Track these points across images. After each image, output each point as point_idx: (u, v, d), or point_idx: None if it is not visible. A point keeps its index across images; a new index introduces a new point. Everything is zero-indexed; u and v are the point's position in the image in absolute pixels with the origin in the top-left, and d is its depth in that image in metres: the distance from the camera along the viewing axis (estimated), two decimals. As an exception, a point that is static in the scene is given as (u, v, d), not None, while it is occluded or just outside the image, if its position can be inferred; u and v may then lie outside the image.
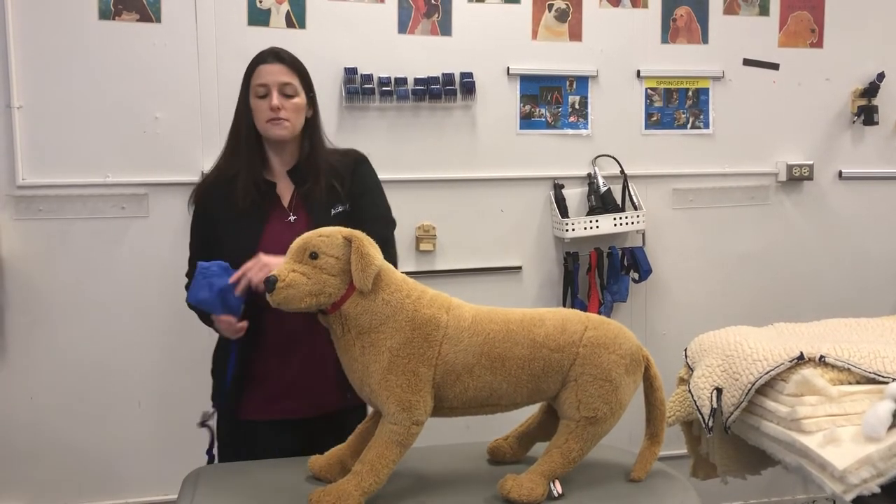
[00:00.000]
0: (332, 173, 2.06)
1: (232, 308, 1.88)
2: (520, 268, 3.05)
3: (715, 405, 2.02)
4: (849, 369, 1.91)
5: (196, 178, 2.77)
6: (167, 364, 2.83)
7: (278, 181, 2.08)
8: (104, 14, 2.70)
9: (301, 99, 2.05)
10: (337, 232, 1.67)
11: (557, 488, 1.67)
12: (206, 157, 2.80)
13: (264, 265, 1.82)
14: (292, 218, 2.04)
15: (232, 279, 1.85)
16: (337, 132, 2.81)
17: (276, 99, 2.00)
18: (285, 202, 2.06)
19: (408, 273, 1.76)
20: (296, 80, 2.04)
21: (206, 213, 2.08)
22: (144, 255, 2.79)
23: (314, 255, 1.63)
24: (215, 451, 2.15)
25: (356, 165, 2.11)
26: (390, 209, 2.13)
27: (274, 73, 2.02)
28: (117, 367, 2.80)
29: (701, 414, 2.05)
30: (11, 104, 2.66)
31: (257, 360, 2.05)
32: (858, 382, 1.91)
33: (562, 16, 3.02)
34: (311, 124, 2.10)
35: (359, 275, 1.61)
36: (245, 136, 2.06)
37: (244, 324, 1.91)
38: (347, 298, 1.64)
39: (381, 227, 2.00)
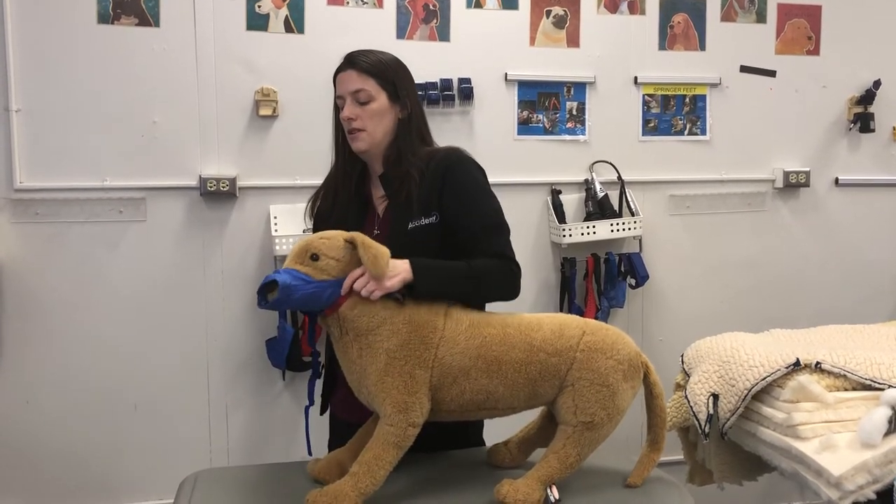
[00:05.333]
0: (419, 178, 1.86)
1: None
2: (517, 273, 3.04)
3: (711, 411, 2.03)
4: (845, 376, 1.92)
5: (194, 183, 2.78)
6: (163, 368, 2.83)
7: (376, 190, 1.96)
8: (103, 18, 2.70)
9: (379, 103, 1.88)
10: (338, 234, 1.68)
11: (554, 494, 1.67)
12: (204, 161, 2.80)
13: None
14: (377, 232, 1.91)
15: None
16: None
17: (347, 109, 1.87)
18: (380, 212, 1.94)
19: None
20: (370, 83, 1.87)
21: (316, 227, 2.01)
22: (142, 260, 2.78)
23: (315, 257, 1.64)
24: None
25: (447, 170, 1.86)
26: (498, 212, 1.87)
27: (345, 82, 1.88)
28: (113, 370, 2.79)
29: (697, 420, 2.05)
30: (10, 107, 2.65)
31: None
32: (854, 389, 1.92)
33: (559, 22, 3.02)
34: (403, 126, 1.91)
35: (373, 265, 1.61)
36: (340, 151, 1.97)
37: None
38: (343, 302, 1.65)
39: (489, 239, 1.81)
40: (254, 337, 2.87)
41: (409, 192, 1.86)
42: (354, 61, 1.90)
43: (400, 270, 1.68)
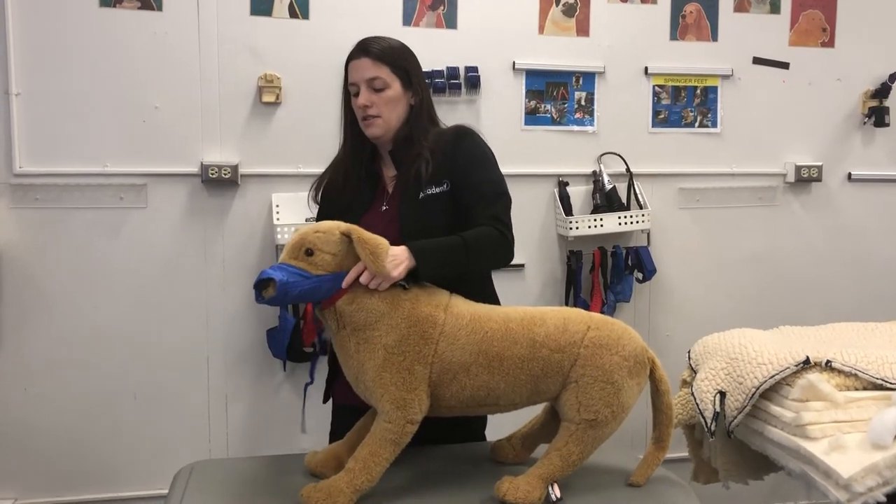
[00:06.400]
0: (429, 155, 1.91)
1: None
2: (522, 266, 3.01)
3: (718, 409, 1.99)
4: (856, 375, 1.88)
5: (195, 170, 2.75)
6: (163, 356, 2.80)
7: (386, 169, 2.01)
8: (105, 1, 2.67)
9: (394, 91, 1.92)
10: (334, 227, 1.64)
11: (556, 492, 1.63)
12: (205, 147, 2.77)
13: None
14: (385, 207, 1.95)
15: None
16: (339, 125, 2.76)
17: (362, 97, 1.91)
18: (389, 189, 1.98)
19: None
20: (384, 71, 1.91)
21: (323, 206, 2.04)
22: (142, 246, 2.76)
23: (310, 252, 1.61)
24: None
25: (455, 141, 1.94)
26: (500, 182, 1.93)
27: (360, 69, 1.92)
28: (113, 358, 2.77)
29: (703, 417, 2.02)
30: (10, 91, 2.63)
31: None
32: (865, 388, 1.89)
33: (569, 10, 2.97)
34: (415, 111, 1.97)
35: (371, 262, 1.58)
36: (350, 133, 2.01)
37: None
38: (342, 295, 1.61)
39: (485, 205, 1.86)
40: (254, 326, 2.84)
41: (419, 170, 1.90)
42: (368, 49, 1.93)
43: (402, 259, 1.67)
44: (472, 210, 1.86)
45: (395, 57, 1.94)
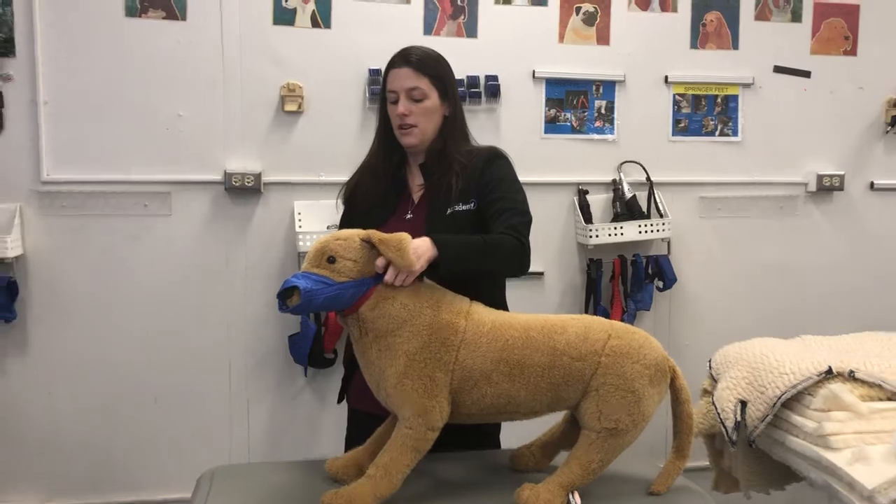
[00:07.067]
0: (460, 171, 1.95)
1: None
2: (542, 274, 3.01)
3: (739, 418, 1.98)
4: (880, 385, 1.87)
5: (219, 177, 2.78)
6: (185, 361, 2.83)
7: (413, 178, 2.04)
8: (130, 11, 2.71)
9: (432, 101, 1.96)
10: (354, 234, 1.65)
11: (576, 500, 1.63)
12: (228, 155, 2.79)
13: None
14: (409, 216, 1.98)
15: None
16: (360, 133, 2.80)
17: (401, 106, 1.95)
18: (415, 198, 2.01)
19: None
20: (424, 82, 1.95)
21: (348, 208, 2.07)
22: (166, 253, 2.79)
23: (332, 260, 1.62)
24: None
25: (487, 162, 1.97)
26: (524, 204, 1.95)
27: (401, 78, 1.95)
28: (136, 363, 2.80)
29: (724, 427, 2.01)
30: (37, 100, 2.66)
31: None
32: (889, 399, 1.87)
33: (589, 19, 2.98)
34: (449, 123, 2.00)
35: (398, 258, 1.59)
36: (383, 138, 2.03)
37: None
38: (365, 301, 1.63)
39: (507, 218, 1.87)
40: (276, 332, 2.86)
41: (450, 183, 1.93)
42: (409, 58, 1.97)
43: (424, 250, 1.68)
44: (494, 223, 1.88)
45: (435, 68, 1.98)
